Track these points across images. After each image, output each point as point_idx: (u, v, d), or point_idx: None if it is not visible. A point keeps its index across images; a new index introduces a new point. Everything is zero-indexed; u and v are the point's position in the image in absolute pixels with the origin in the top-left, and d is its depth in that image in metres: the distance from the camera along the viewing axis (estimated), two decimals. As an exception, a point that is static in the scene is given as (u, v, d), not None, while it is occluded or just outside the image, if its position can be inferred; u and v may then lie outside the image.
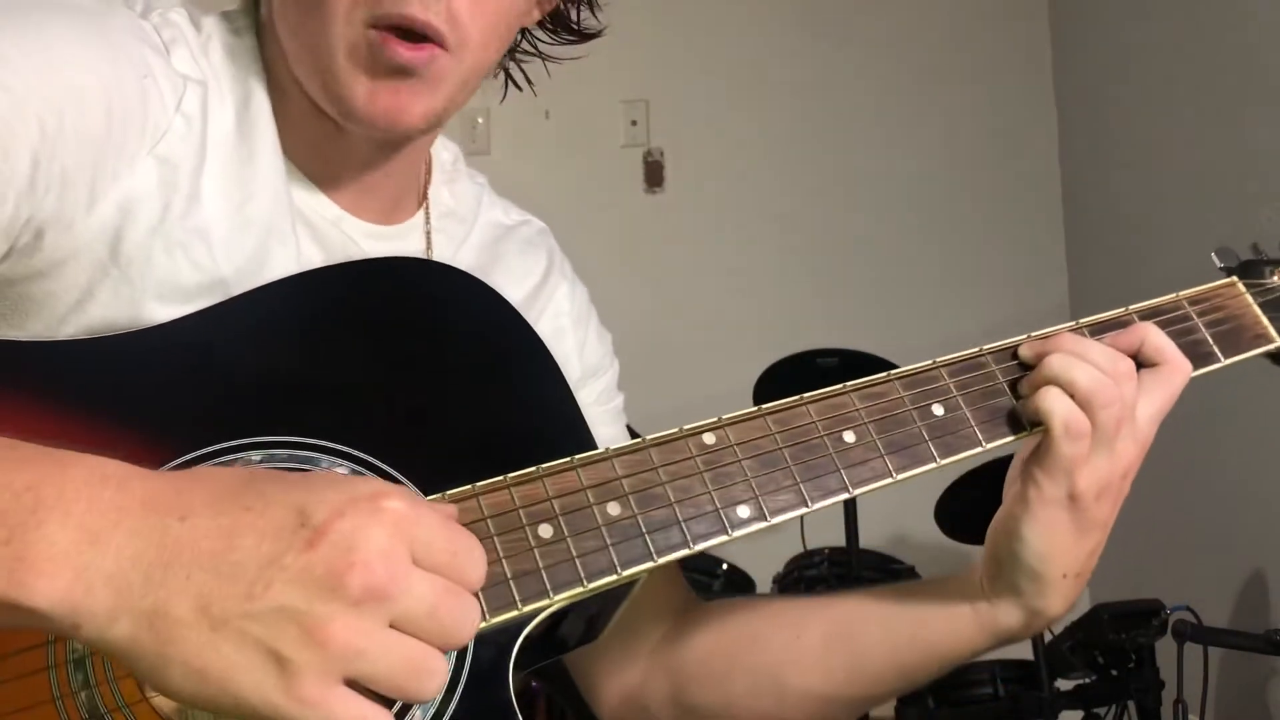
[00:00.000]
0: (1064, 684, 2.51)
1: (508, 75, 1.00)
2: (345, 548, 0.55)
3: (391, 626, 0.56)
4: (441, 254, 0.93)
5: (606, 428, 1.00)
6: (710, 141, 3.51)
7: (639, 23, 3.45)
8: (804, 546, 2.73)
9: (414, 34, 0.78)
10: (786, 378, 2.63)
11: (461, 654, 0.70)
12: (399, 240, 0.91)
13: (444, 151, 1.00)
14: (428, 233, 0.93)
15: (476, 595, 0.61)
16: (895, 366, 0.81)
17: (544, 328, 0.96)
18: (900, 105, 3.61)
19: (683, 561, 0.77)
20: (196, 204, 0.78)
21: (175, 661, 0.55)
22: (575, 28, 0.96)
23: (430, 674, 0.57)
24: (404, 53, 0.78)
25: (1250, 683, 2.85)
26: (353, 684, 0.56)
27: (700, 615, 0.98)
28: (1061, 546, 0.83)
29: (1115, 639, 2.37)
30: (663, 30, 3.44)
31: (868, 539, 2.60)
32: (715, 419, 0.77)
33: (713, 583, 2.59)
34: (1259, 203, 2.83)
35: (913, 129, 3.61)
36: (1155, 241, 3.29)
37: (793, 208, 3.55)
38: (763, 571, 2.76)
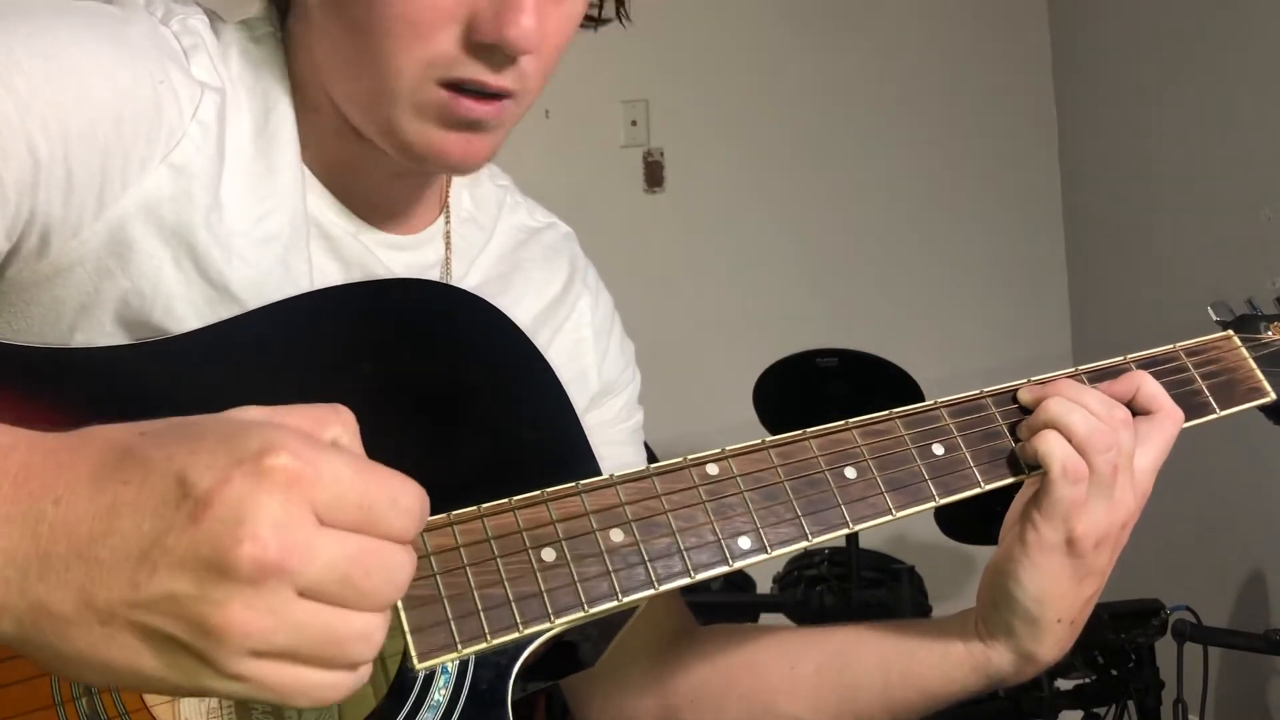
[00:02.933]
0: (1064, 684, 2.51)
1: None
2: (232, 521, 0.49)
3: (303, 596, 0.51)
4: (461, 262, 0.92)
5: (622, 447, 0.99)
6: (710, 141, 3.51)
7: (639, 23, 3.44)
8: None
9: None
10: (786, 378, 2.63)
11: (462, 674, 0.71)
12: (418, 250, 0.89)
13: None
14: (447, 240, 0.91)
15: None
16: (895, 367, 0.81)
17: (563, 341, 0.96)
18: (900, 105, 3.61)
19: None
20: (213, 215, 0.76)
21: (72, 658, 0.51)
22: (596, 14, 0.94)
23: (355, 639, 0.52)
24: (478, 109, 0.77)
25: (1250, 683, 2.85)
26: (278, 656, 0.51)
27: (696, 640, 0.98)
28: (1058, 591, 0.84)
29: (1115, 638, 2.37)
30: (663, 30, 3.43)
31: (867, 539, 2.60)
32: (719, 450, 0.77)
33: (713, 582, 2.59)
34: (1258, 202, 2.83)
35: (913, 129, 3.61)
36: (1154, 240, 3.29)
37: (793, 208, 3.55)
38: (763, 571, 2.76)
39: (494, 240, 0.95)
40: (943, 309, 3.60)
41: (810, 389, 2.57)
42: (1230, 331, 0.98)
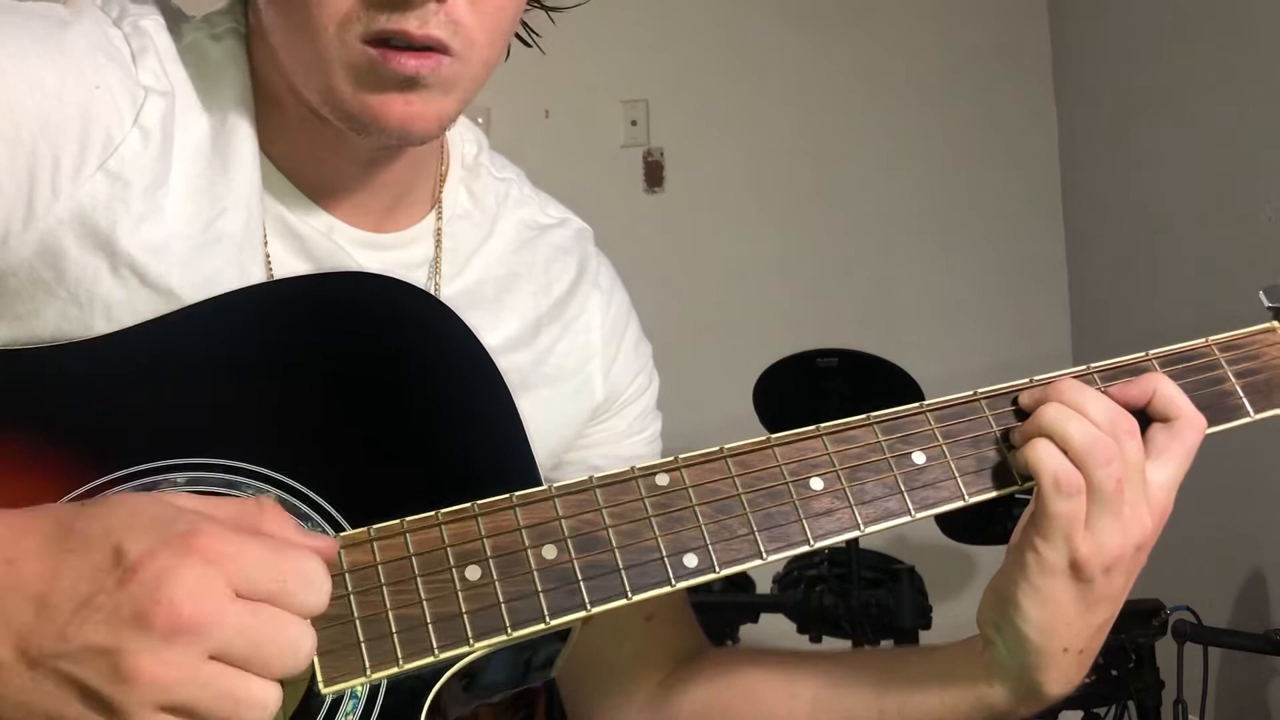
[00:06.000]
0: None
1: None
2: (154, 585, 0.56)
3: (213, 659, 0.57)
4: (452, 261, 0.88)
5: (635, 460, 0.91)
6: (710, 141, 3.51)
7: (639, 23, 3.45)
8: (804, 546, 2.72)
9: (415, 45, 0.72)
10: (786, 378, 2.63)
11: (372, 699, 0.66)
12: (401, 249, 0.86)
13: (467, 144, 0.93)
14: (437, 238, 0.88)
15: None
16: (895, 367, 0.77)
17: (568, 344, 0.92)
18: (900, 105, 3.61)
19: None
20: (152, 221, 0.74)
21: (4, 699, 0.57)
22: None
23: (251, 704, 0.58)
24: (409, 63, 0.72)
25: (1250, 683, 2.85)
26: (180, 712, 0.57)
27: (699, 664, 0.95)
28: (1063, 619, 0.76)
29: (1115, 639, 2.36)
30: (663, 30, 3.43)
31: (867, 539, 2.60)
32: (672, 458, 0.72)
33: (712, 583, 2.58)
34: (1259, 203, 2.83)
35: (912, 128, 3.61)
36: (1154, 238, 3.29)
37: (793, 208, 3.55)
38: (763, 572, 2.76)
39: (495, 238, 0.91)
40: (943, 309, 3.60)
41: (810, 389, 2.56)
42: (1276, 324, 0.86)
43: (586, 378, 0.94)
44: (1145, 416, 0.79)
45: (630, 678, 0.94)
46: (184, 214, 0.76)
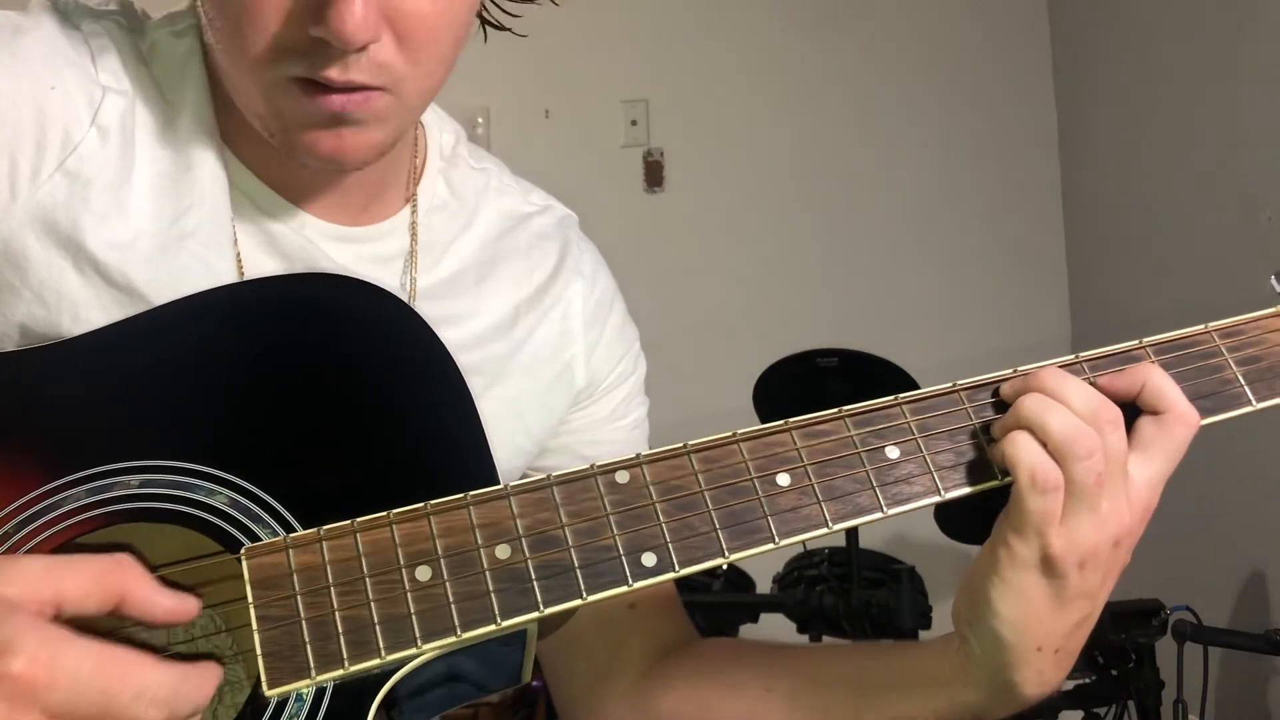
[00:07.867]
0: (1064, 684, 2.51)
1: (484, 22, 0.89)
2: None
3: None
4: (429, 253, 0.88)
5: (618, 447, 0.94)
6: (710, 141, 3.51)
7: (639, 23, 3.45)
8: (804, 546, 2.73)
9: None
10: (786, 378, 2.63)
11: (318, 701, 0.65)
12: (375, 241, 0.85)
13: (445, 135, 0.92)
14: (413, 230, 0.87)
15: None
16: (895, 367, 0.75)
17: (547, 331, 0.92)
18: (900, 105, 3.61)
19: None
20: (115, 219, 0.74)
21: None
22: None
23: None
24: (335, 100, 0.70)
25: (1250, 683, 2.85)
26: None
27: (681, 658, 0.95)
28: (1035, 616, 0.73)
29: (1115, 639, 2.37)
30: (663, 30, 3.43)
31: (867, 539, 2.60)
32: (634, 455, 0.71)
33: (713, 583, 2.59)
34: (1259, 203, 2.83)
35: (912, 129, 3.61)
36: (1154, 239, 3.29)
37: (793, 208, 3.55)
38: (763, 572, 2.76)
39: (474, 228, 0.90)
40: (944, 309, 3.60)
41: (810, 389, 2.56)
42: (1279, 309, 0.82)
43: (567, 364, 0.93)
44: (1137, 409, 0.75)
45: (612, 669, 0.94)
46: (148, 212, 0.76)
